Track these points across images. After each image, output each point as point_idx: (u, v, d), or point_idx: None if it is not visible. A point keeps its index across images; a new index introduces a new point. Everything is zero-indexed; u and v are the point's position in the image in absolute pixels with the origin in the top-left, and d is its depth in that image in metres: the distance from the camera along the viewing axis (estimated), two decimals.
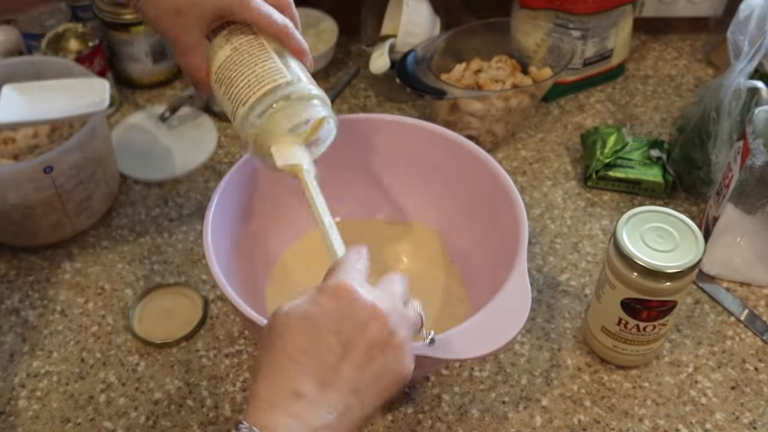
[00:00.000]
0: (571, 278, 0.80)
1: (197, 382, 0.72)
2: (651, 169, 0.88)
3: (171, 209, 0.88)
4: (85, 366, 0.73)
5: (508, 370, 0.73)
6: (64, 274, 0.81)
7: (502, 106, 0.89)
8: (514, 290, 0.62)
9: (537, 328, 0.76)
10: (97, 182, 0.81)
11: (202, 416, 0.69)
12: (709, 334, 0.76)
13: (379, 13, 1.02)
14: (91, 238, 0.85)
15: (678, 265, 0.62)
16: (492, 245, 0.73)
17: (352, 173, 0.81)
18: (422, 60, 0.89)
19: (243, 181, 0.74)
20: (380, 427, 0.69)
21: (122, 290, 0.80)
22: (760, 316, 0.77)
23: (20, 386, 0.72)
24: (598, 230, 0.86)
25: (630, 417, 0.69)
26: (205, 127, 0.98)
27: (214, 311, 0.78)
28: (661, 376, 0.72)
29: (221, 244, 0.68)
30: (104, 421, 0.69)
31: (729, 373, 0.73)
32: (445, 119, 0.92)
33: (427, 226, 0.82)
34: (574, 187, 0.91)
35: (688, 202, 0.89)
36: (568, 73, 1.00)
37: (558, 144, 0.96)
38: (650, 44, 1.11)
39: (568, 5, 0.94)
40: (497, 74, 0.93)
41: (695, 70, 1.07)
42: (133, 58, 1.00)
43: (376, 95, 1.03)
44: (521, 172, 0.92)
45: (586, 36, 0.97)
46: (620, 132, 0.90)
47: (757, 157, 0.71)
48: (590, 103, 1.02)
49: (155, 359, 0.74)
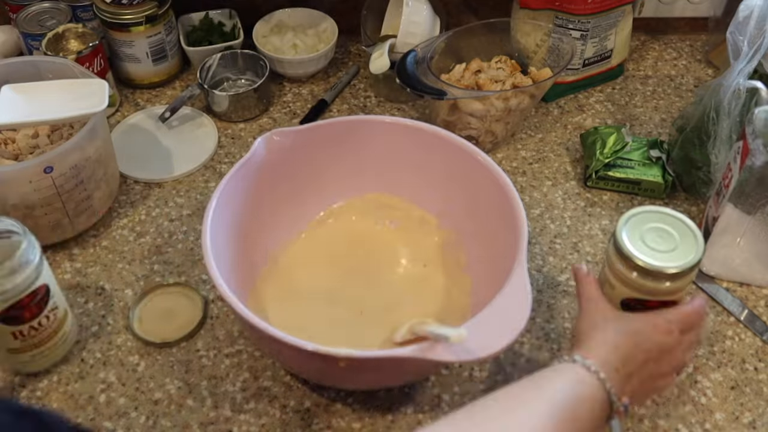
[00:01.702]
0: (571, 278, 0.80)
1: (197, 382, 0.72)
2: (651, 169, 0.88)
3: (171, 209, 0.88)
4: (85, 366, 0.73)
5: (508, 370, 0.73)
6: (64, 274, 0.81)
7: (502, 107, 0.89)
8: (514, 292, 0.62)
9: (537, 328, 0.76)
10: (97, 182, 0.81)
11: (202, 416, 0.69)
12: (709, 334, 0.76)
13: (379, 13, 1.02)
14: (91, 238, 0.85)
15: (678, 266, 0.62)
16: (492, 246, 0.73)
17: (352, 174, 0.81)
18: (422, 60, 0.89)
19: (243, 181, 0.74)
20: (380, 427, 0.69)
21: (122, 290, 0.80)
22: (760, 316, 0.77)
23: (20, 386, 0.72)
24: (597, 230, 0.86)
25: (630, 417, 0.69)
26: (205, 127, 0.98)
27: (214, 311, 0.78)
28: None
29: (221, 244, 0.69)
30: (104, 421, 0.69)
31: (729, 373, 0.73)
32: (445, 119, 0.92)
33: (427, 227, 0.82)
34: (573, 187, 0.91)
35: (688, 202, 0.89)
36: (568, 74, 1.00)
37: (558, 144, 0.96)
38: (650, 44, 1.11)
39: (568, 5, 0.94)
40: (497, 74, 0.93)
41: (695, 70, 1.07)
42: (133, 58, 0.99)
43: (376, 95, 1.03)
44: (521, 172, 0.92)
45: (586, 36, 0.97)
46: (620, 132, 0.90)
47: (756, 157, 0.71)
48: (590, 104, 1.02)
49: (155, 359, 0.74)
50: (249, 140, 0.96)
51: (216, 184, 0.72)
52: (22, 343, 0.68)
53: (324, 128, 0.79)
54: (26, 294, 0.65)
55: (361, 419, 0.69)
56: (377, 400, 0.70)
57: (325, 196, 0.82)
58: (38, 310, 0.67)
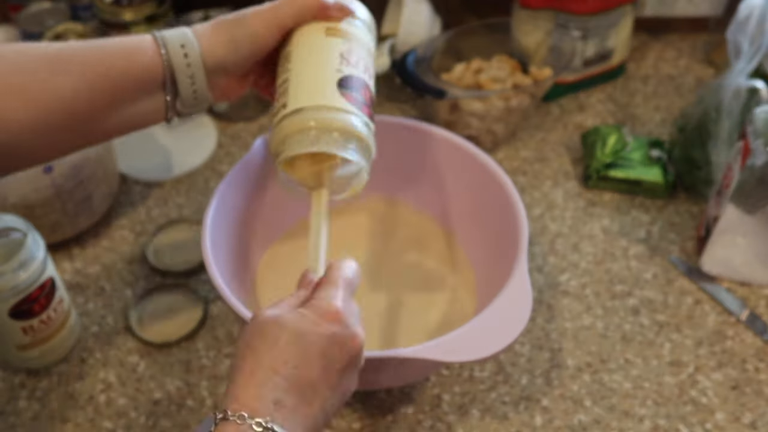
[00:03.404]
0: (571, 278, 0.80)
1: (197, 382, 0.72)
2: (651, 169, 0.88)
3: (171, 209, 0.88)
4: (85, 366, 0.73)
5: (509, 370, 0.73)
6: (64, 274, 0.81)
7: (503, 106, 0.89)
8: (515, 292, 0.62)
9: (537, 328, 0.76)
10: (97, 182, 0.81)
11: (202, 416, 0.69)
12: (710, 334, 0.76)
13: (379, 13, 1.02)
14: (91, 238, 0.85)
15: None
16: (492, 246, 0.73)
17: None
18: (422, 60, 0.89)
19: (243, 180, 0.74)
20: (380, 427, 0.69)
21: (122, 290, 0.80)
22: (761, 316, 0.77)
23: (20, 386, 0.72)
24: (598, 230, 0.86)
25: (630, 417, 0.69)
26: (205, 127, 0.98)
27: (214, 311, 0.78)
28: (661, 376, 0.72)
29: (220, 244, 0.68)
30: (104, 421, 0.69)
31: (729, 373, 0.73)
32: (445, 119, 0.92)
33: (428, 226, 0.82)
34: (574, 187, 0.91)
35: (689, 202, 0.89)
36: (568, 73, 1.00)
37: (558, 144, 0.96)
38: (650, 44, 1.11)
39: (568, 5, 0.94)
40: (497, 74, 0.93)
41: (695, 70, 1.07)
42: None
43: (376, 95, 1.03)
44: (521, 172, 0.92)
45: (586, 36, 0.97)
46: (620, 132, 0.90)
47: (757, 157, 0.71)
48: (590, 103, 1.02)
49: (155, 359, 0.74)
50: (249, 140, 0.96)
51: (216, 184, 0.72)
52: (32, 338, 0.69)
53: None
54: (35, 287, 0.67)
55: (361, 419, 0.69)
56: (377, 400, 0.70)
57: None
58: (47, 303, 0.69)
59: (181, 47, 0.56)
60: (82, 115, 0.54)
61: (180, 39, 0.56)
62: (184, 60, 0.56)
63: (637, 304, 0.78)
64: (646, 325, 0.76)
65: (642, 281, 0.80)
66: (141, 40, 0.56)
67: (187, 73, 0.56)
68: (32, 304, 0.67)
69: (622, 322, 0.77)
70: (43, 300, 0.68)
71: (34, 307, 0.68)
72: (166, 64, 0.56)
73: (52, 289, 0.69)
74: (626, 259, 0.82)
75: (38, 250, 0.67)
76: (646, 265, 0.82)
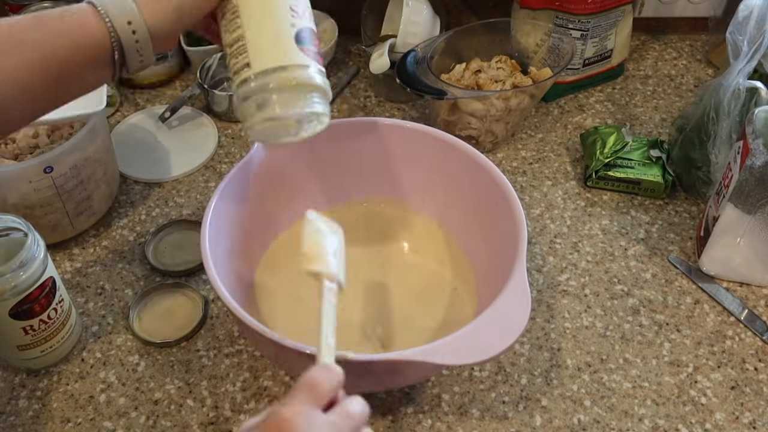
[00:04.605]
0: (571, 278, 0.80)
1: (197, 382, 0.72)
2: (651, 169, 0.88)
3: (171, 209, 0.88)
4: (85, 366, 0.73)
5: (508, 370, 0.73)
6: (64, 274, 0.81)
7: (502, 106, 0.89)
8: (514, 292, 0.62)
9: (537, 328, 0.76)
10: (97, 182, 0.81)
11: (202, 416, 0.69)
12: (709, 334, 0.76)
13: (379, 13, 1.02)
14: (91, 238, 0.85)
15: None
16: (492, 246, 0.73)
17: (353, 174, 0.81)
18: (422, 60, 0.89)
19: (243, 181, 0.74)
20: (380, 427, 0.69)
21: (122, 290, 0.80)
22: (760, 316, 0.77)
23: (20, 386, 0.72)
24: (597, 230, 0.86)
25: (630, 417, 0.69)
26: (205, 127, 0.98)
27: (214, 311, 0.78)
28: (661, 376, 0.72)
29: (220, 244, 0.68)
30: (104, 421, 0.69)
31: (729, 373, 0.73)
32: (445, 119, 0.92)
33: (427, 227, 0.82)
34: (573, 187, 0.91)
35: (688, 202, 0.89)
36: (568, 73, 1.00)
37: (558, 144, 0.96)
38: (650, 44, 1.11)
39: (568, 5, 0.94)
40: (497, 74, 0.93)
41: (695, 70, 1.07)
42: None
43: (376, 95, 1.03)
44: (521, 172, 0.92)
45: (586, 36, 0.97)
46: (620, 132, 0.90)
47: (756, 157, 0.71)
48: (590, 103, 1.02)
49: (155, 359, 0.74)
50: (249, 140, 0.96)
51: (216, 184, 0.72)
52: (33, 338, 0.69)
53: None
54: (36, 287, 0.67)
55: None
56: (377, 400, 0.70)
57: (326, 196, 0.82)
58: (47, 302, 0.68)
59: (128, 24, 0.56)
60: (33, 93, 0.55)
61: (126, 14, 0.56)
62: (133, 37, 0.56)
63: (636, 304, 0.78)
64: (646, 325, 0.76)
65: (641, 281, 0.80)
66: (84, 15, 0.56)
67: (135, 47, 0.57)
68: (32, 304, 0.67)
69: (622, 321, 0.77)
70: (44, 300, 0.68)
71: (35, 307, 0.68)
72: (116, 44, 0.56)
73: (53, 289, 0.69)
74: (626, 259, 0.82)
75: (38, 250, 0.66)
76: (646, 265, 0.82)
